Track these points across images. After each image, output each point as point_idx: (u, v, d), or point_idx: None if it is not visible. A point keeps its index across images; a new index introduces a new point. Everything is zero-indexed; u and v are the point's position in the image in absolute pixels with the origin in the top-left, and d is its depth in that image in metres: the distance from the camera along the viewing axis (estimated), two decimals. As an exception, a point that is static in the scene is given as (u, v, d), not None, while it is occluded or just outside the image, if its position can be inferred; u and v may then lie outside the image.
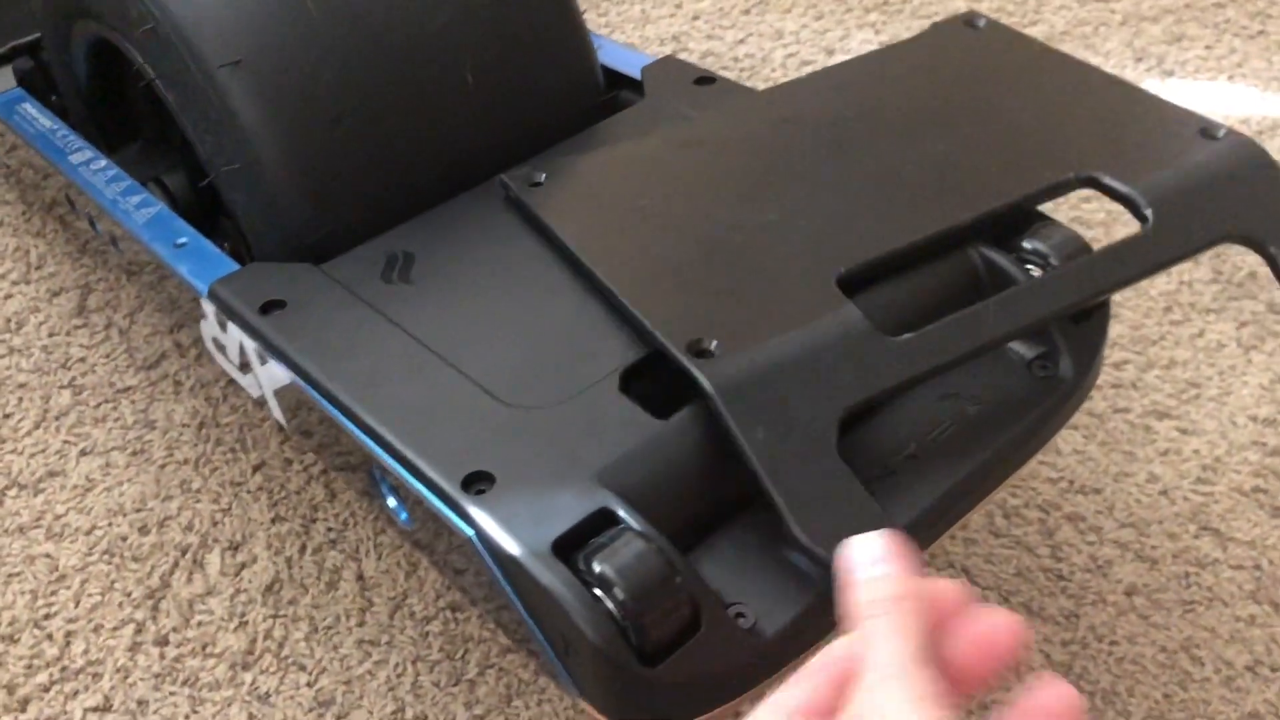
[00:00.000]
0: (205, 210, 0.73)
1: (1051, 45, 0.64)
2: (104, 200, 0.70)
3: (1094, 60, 1.15)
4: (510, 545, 0.44)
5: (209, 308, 0.61)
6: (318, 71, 0.61)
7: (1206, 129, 0.58)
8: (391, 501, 0.52)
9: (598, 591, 0.43)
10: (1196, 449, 0.83)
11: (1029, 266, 0.54)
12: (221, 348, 0.62)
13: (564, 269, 0.57)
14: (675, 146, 0.62)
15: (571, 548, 0.44)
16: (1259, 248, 0.54)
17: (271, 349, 0.56)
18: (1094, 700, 0.70)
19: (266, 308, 0.57)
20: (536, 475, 0.47)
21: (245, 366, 0.60)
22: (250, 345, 0.58)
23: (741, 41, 1.16)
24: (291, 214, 0.62)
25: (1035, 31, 1.19)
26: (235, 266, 0.62)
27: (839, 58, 1.15)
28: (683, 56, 1.14)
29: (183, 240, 0.65)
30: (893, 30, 1.18)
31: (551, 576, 0.43)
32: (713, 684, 0.43)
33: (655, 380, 0.51)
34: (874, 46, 1.17)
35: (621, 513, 0.45)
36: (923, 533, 0.49)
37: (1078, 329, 0.54)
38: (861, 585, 0.37)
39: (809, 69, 1.14)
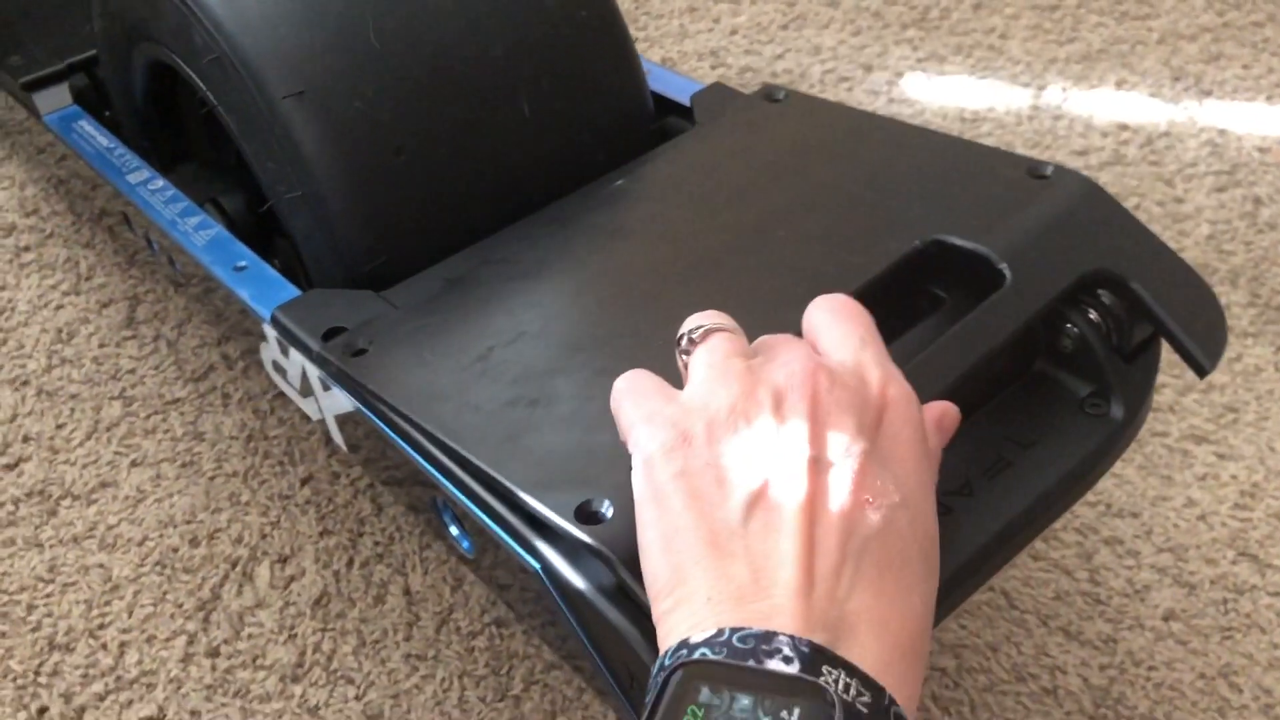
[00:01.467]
0: (261, 231, 0.75)
1: (1093, 60, 0.63)
2: (163, 221, 0.71)
3: (1130, 79, 1.16)
4: (576, 580, 0.45)
5: (270, 332, 0.62)
6: (379, 102, 0.62)
7: (1034, 169, 0.58)
8: (454, 530, 0.54)
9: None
10: (1234, 474, 0.83)
11: (1080, 303, 0.55)
12: (282, 371, 0.63)
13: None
14: (513, 279, 0.59)
15: (636, 583, 0.45)
16: (1119, 284, 0.53)
17: (334, 375, 0.57)
18: (1132, 726, 0.71)
19: (328, 334, 0.58)
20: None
21: (306, 391, 0.61)
22: (313, 371, 0.59)
23: (779, 57, 1.17)
24: (351, 241, 0.63)
25: (1072, 49, 1.19)
26: (295, 291, 0.63)
27: (876, 74, 1.16)
28: (721, 71, 1.15)
29: (242, 264, 0.66)
30: (930, 47, 1.19)
31: (617, 612, 0.44)
32: None
33: None
34: (911, 63, 1.18)
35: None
36: (979, 569, 0.50)
37: (1128, 368, 0.55)
38: None
39: (846, 85, 1.14)
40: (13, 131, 1.04)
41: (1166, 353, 0.58)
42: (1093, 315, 0.55)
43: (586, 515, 0.44)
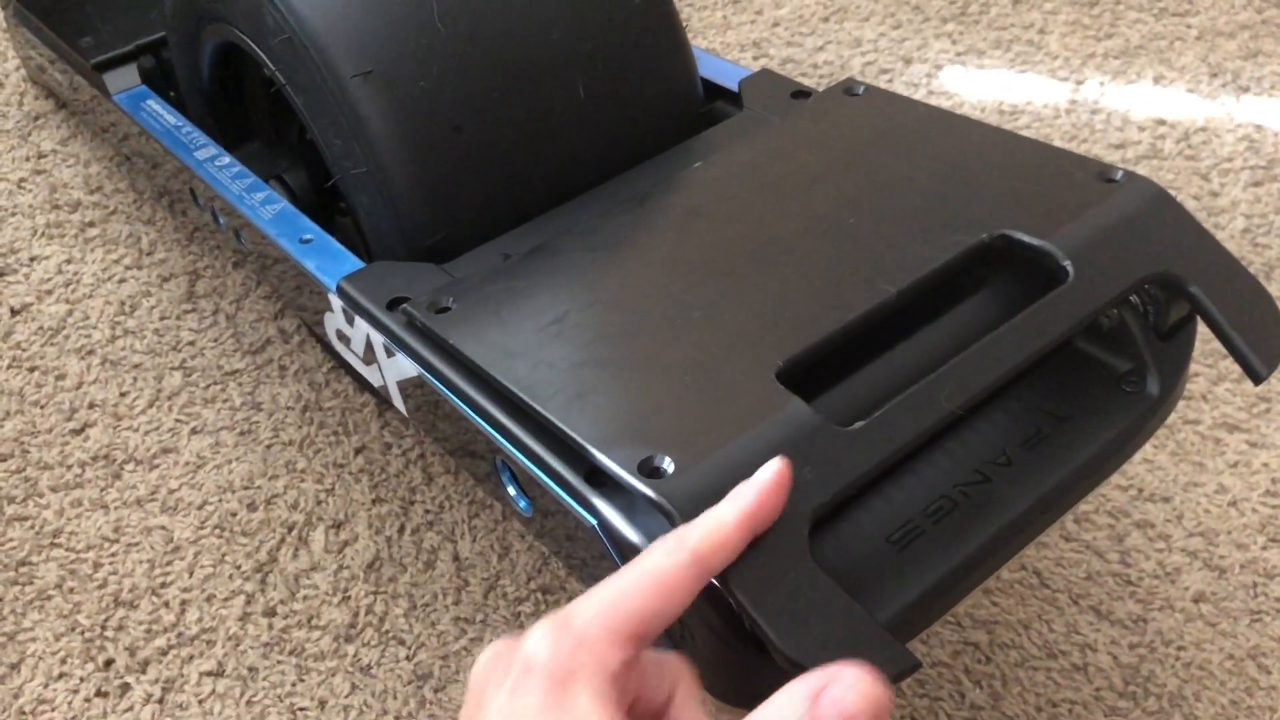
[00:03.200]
0: (323, 208, 0.78)
1: (1131, 55, 0.65)
2: (230, 195, 0.74)
3: (1168, 75, 1.17)
4: (632, 535, 0.48)
5: (336, 301, 0.65)
6: (442, 83, 0.65)
7: (1104, 173, 0.59)
8: (511, 490, 0.56)
9: (714, 581, 0.46)
10: (1266, 462, 0.85)
11: None
12: (346, 340, 0.66)
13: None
14: (593, 251, 0.61)
15: (691, 539, 0.48)
16: (1178, 287, 0.55)
17: (398, 342, 0.60)
18: (1160, 703, 0.73)
19: (392, 304, 0.61)
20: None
21: (370, 358, 0.64)
22: (377, 338, 0.61)
23: (820, 49, 1.19)
24: (412, 216, 0.65)
25: (1110, 45, 1.20)
26: (358, 263, 0.66)
27: (916, 67, 1.18)
28: (763, 62, 1.17)
29: (308, 236, 0.69)
30: (969, 41, 1.20)
31: (674, 566, 0.47)
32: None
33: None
34: (951, 56, 1.19)
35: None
36: (1016, 537, 0.52)
37: (1165, 347, 0.57)
38: None
39: (886, 77, 1.16)
40: (78, 112, 1.07)
41: (1201, 341, 0.59)
42: (1131, 295, 0.56)
43: (649, 470, 0.46)
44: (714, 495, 0.45)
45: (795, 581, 0.43)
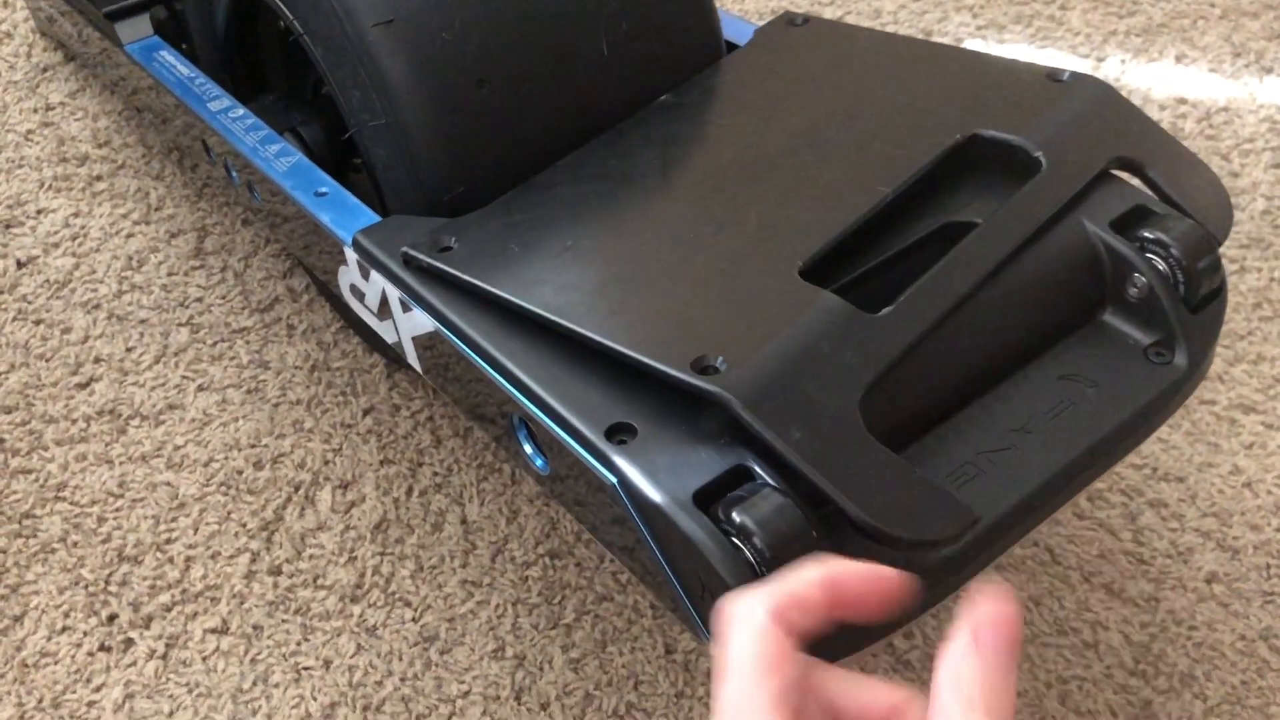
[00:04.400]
0: (336, 163, 0.76)
1: (1153, 33, 0.64)
2: (244, 148, 0.73)
3: (1190, 54, 1.15)
4: (653, 493, 0.47)
5: (351, 255, 0.64)
6: (465, 35, 0.63)
7: (1052, 74, 0.63)
8: (528, 448, 0.55)
9: (736, 541, 0.46)
10: (1281, 444, 0.84)
11: (1149, 255, 0.56)
12: (360, 295, 0.65)
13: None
14: (581, 183, 0.63)
15: (710, 499, 0.47)
16: (1138, 171, 0.59)
17: (414, 296, 0.59)
18: (1171, 682, 0.72)
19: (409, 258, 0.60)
20: (674, 430, 0.49)
21: (384, 314, 0.63)
22: (393, 293, 0.61)
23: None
24: (431, 170, 0.64)
25: (1133, 22, 1.19)
26: (374, 217, 0.65)
27: (936, 40, 1.16)
28: (781, 32, 1.16)
29: (323, 190, 0.68)
30: (990, 15, 1.19)
31: (693, 524, 0.46)
32: (845, 632, 0.46)
33: None
34: (971, 30, 1.18)
35: (757, 469, 0.48)
36: (1036, 508, 0.51)
37: (1194, 319, 0.56)
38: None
39: (905, 50, 1.15)
40: (87, 64, 1.06)
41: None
42: (1160, 265, 0.56)
43: (702, 368, 0.48)
44: (770, 386, 0.48)
45: (855, 452, 0.46)
